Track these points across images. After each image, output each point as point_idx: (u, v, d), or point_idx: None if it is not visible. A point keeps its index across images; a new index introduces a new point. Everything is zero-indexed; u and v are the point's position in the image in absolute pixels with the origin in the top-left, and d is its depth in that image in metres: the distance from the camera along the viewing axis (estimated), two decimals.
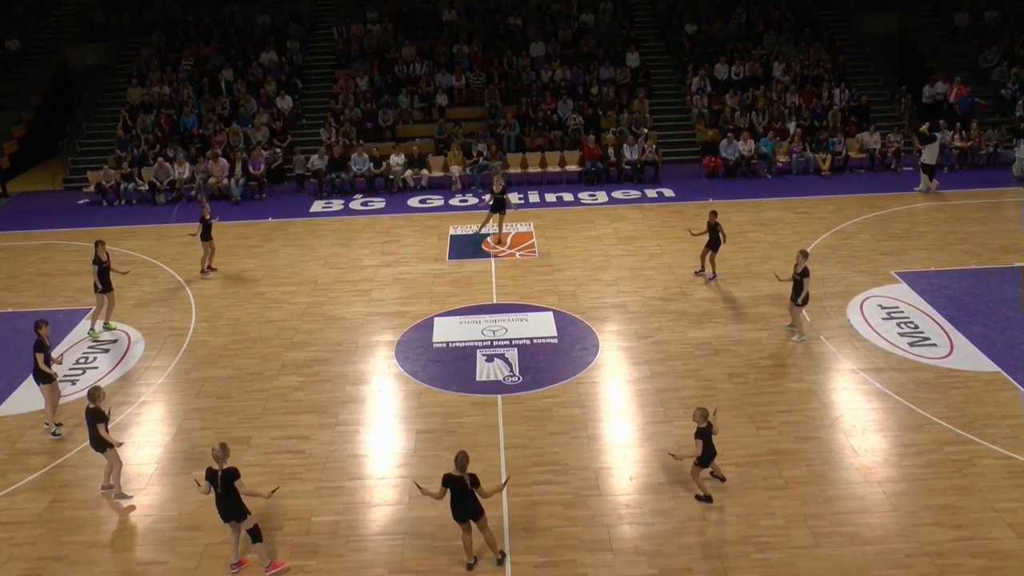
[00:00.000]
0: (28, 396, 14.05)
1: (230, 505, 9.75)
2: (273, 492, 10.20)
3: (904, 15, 31.87)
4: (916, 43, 31.26)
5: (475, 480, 9.60)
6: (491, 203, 20.11)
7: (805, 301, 14.76)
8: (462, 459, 9.55)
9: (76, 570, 10.11)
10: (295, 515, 10.88)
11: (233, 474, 9.68)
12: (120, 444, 11.43)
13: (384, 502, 11.13)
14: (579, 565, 9.87)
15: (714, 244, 17.32)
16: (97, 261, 15.92)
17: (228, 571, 9.99)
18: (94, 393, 11.16)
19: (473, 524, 9.78)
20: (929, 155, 22.78)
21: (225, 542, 10.22)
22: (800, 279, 14.59)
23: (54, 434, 12.92)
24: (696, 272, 17.75)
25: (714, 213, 17.46)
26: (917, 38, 31.31)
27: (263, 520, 10.69)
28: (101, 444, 11.15)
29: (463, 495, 9.60)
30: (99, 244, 16.18)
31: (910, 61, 31.19)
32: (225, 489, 9.67)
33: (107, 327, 16.37)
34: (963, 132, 25.42)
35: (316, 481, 11.56)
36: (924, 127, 23.40)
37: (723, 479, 11.19)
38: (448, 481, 9.61)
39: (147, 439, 12.73)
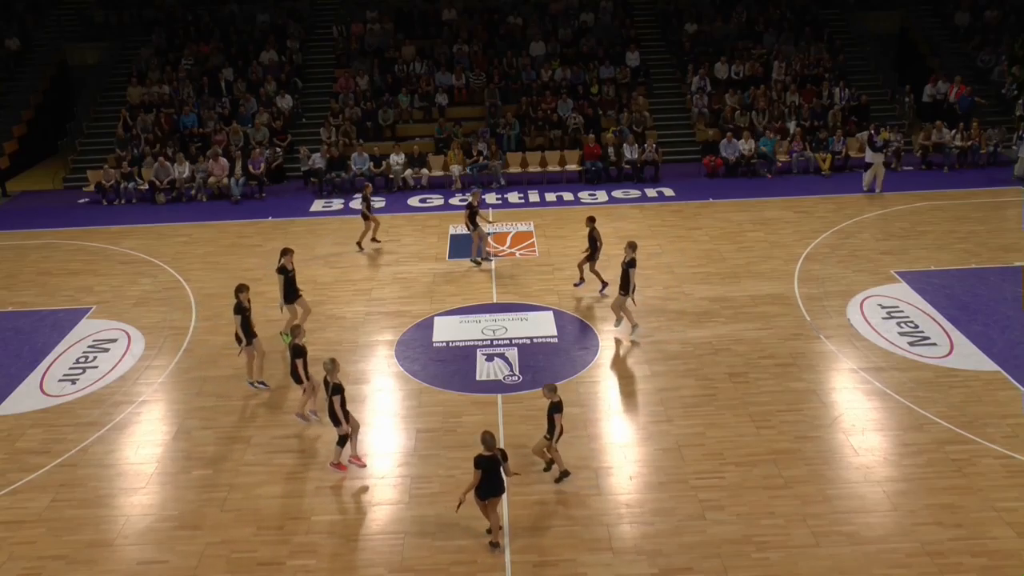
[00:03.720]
0: (28, 396, 14.06)
1: (329, 414, 11.51)
2: (347, 428, 11.53)
3: (904, 14, 31.87)
4: (916, 42, 31.26)
5: (504, 455, 9.97)
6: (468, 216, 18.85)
7: (630, 291, 14.77)
8: (490, 438, 9.86)
9: (76, 569, 10.11)
10: (295, 514, 10.88)
11: (334, 389, 11.32)
12: (309, 381, 12.66)
13: (384, 501, 11.13)
14: (579, 564, 9.87)
15: (592, 252, 16.75)
16: (283, 270, 14.92)
17: (230, 566, 10.04)
18: (295, 330, 12.99)
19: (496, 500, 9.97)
20: (871, 156, 23.10)
21: (223, 541, 10.37)
22: (626, 269, 14.60)
23: (254, 384, 13.92)
24: (576, 284, 17.20)
25: (591, 219, 16.92)
26: (917, 37, 31.32)
27: (265, 518, 10.74)
28: (297, 378, 12.67)
29: (495, 472, 9.81)
30: (287, 252, 15.11)
31: (910, 60, 31.19)
32: (329, 398, 11.42)
33: (284, 337, 15.17)
34: (964, 131, 25.40)
35: (316, 480, 11.56)
36: (865, 133, 23.94)
37: (549, 470, 11.40)
38: (482, 462, 9.78)
39: (147, 438, 12.73)
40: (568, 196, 23.81)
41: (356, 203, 23.65)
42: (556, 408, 10.96)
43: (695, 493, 10.99)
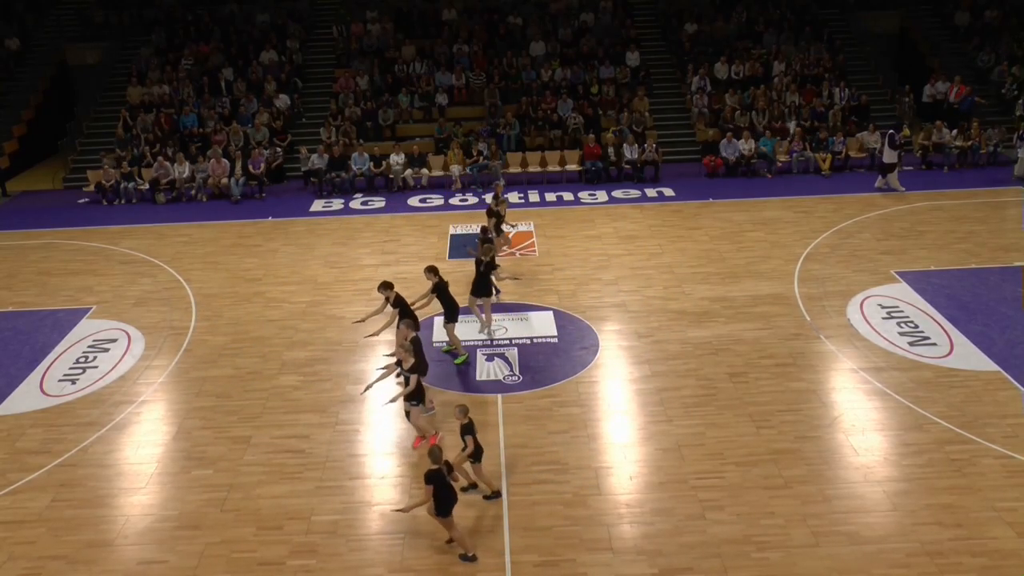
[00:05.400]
0: (28, 395, 14.06)
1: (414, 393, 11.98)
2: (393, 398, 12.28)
3: (904, 14, 31.88)
4: (916, 42, 31.27)
5: (450, 467, 9.96)
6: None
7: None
8: (439, 451, 9.80)
9: (76, 569, 10.11)
10: (295, 514, 10.88)
11: (412, 367, 11.77)
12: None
13: (384, 501, 11.12)
14: (579, 564, 9.87)
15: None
16: (437, 288, 14.35)
17: (230, 566, 10.06)
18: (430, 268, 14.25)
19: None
20: (889, 156, 23.07)
21: (223, 541, 10.41)
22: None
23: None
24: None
25: (484, 229, 17.04)
26: (917, 37, 31.33)
27: (265, 518, 10.75)
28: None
29: (447, 486, 9.79)
30: (431, 270, 14.49)
31: (910, 60, 31.20)
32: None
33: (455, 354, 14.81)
34: (964, 131, 25.40)
35: (316, 480, 11.55)
36: (872, 133, 24.28)
37: (493, 492, 11.17)
38: (433, 477, 9.69)
39: (147, 438, 12.73)
40: (568, 196, 23.80)
41: (355, 203, 23.74)
42: (467, 430, 10.77)
43: (695, 493, 10.99)
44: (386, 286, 13.57)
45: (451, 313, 14.38)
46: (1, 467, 12.13)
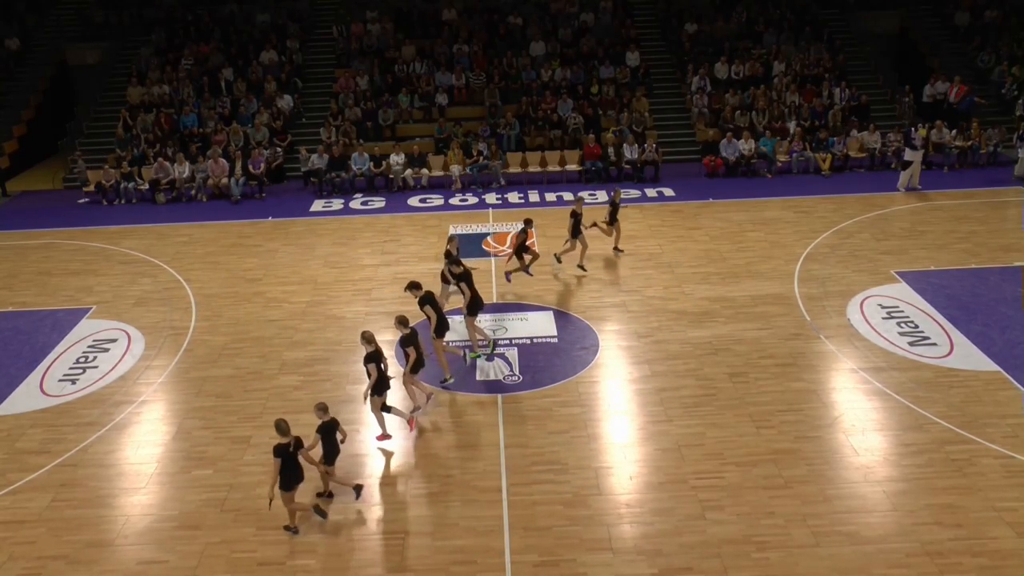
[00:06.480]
0: (28, 396, 14.06)
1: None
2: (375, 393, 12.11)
3: (904, 14, 31.88)
4: (916, 42, 31.27)
5: (300, 442, 10.28)
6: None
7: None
8: (285, 424, 10.18)
9: (76, 569, 10.11)
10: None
11: (368, 357, 11.91)
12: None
13: (384, 501, 11.12)
14: (579, 564, 9.87)
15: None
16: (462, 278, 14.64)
17: (229, 566, 10.06)
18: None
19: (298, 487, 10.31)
20: (910, 155, 23.06)
21: (223, 541, 10.43)
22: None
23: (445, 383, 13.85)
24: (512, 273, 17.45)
25: (528, 221, 17.42)
26: (917, 37, 31.33)
27: (265, 518, 10.75)
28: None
29: (293, 460, 10.16)
30: (454, 261, 14.89)
31: (910, 60, 31.20)
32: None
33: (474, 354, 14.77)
34: (964, 131, 25.40)
35: (316, 480, 11.52)
36: (922, 130, 23.95)
37: (354, 488, 11.13)
38: (281, 451, 10.04)
39: (147, 438, 12.73)
40: (568, 196, 23.76)
41: (355, 203, 23.73)
42: (322, 429, 10.72)
43: (695, 493, 10.99)
44: (414, 285, 13.95)
45: (471, 307, 14.50)
46: (1, 467, 12.13)
